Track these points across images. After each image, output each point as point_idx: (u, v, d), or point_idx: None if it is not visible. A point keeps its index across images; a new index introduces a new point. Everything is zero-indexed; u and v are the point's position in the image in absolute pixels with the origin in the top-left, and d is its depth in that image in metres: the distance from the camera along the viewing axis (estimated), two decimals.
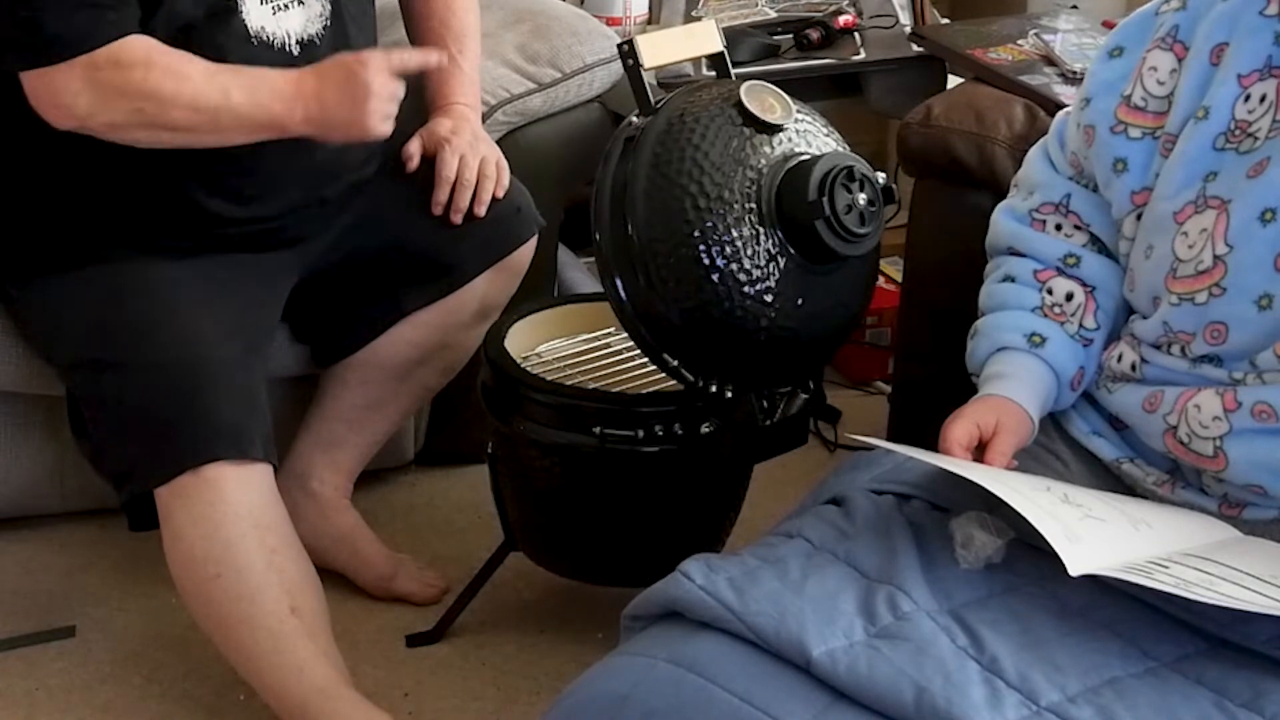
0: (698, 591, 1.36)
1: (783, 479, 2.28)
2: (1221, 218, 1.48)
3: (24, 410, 2.23)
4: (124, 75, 1.83)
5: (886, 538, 1.43)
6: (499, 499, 2.08)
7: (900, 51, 2.53)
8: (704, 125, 1.70)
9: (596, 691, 1.33)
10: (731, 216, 1.67)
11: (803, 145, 1.75)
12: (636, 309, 1.72)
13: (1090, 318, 1.63)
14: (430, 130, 2.13)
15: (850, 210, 1.68)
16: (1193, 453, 1.49)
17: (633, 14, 2.77)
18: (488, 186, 2.10)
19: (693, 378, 1.76)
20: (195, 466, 1.85)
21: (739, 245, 1.67)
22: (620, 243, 1.70)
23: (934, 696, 1.22)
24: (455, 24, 2.18)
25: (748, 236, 1.67)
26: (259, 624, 1.86)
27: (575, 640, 2.15)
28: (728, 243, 1.66)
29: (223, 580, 1.86)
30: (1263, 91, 1.50)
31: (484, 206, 2.10)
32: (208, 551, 1.86)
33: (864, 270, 1.81)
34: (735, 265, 1.66)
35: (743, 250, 1.67)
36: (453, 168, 2.08)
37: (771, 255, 1.68)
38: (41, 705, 2.03)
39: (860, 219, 1.69)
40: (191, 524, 1.86)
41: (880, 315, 2.87)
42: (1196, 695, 1.26)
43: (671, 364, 1.75)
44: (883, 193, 1.73)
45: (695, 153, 1.68)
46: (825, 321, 1.76)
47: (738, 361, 1.74)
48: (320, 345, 2.21)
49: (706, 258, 1.66)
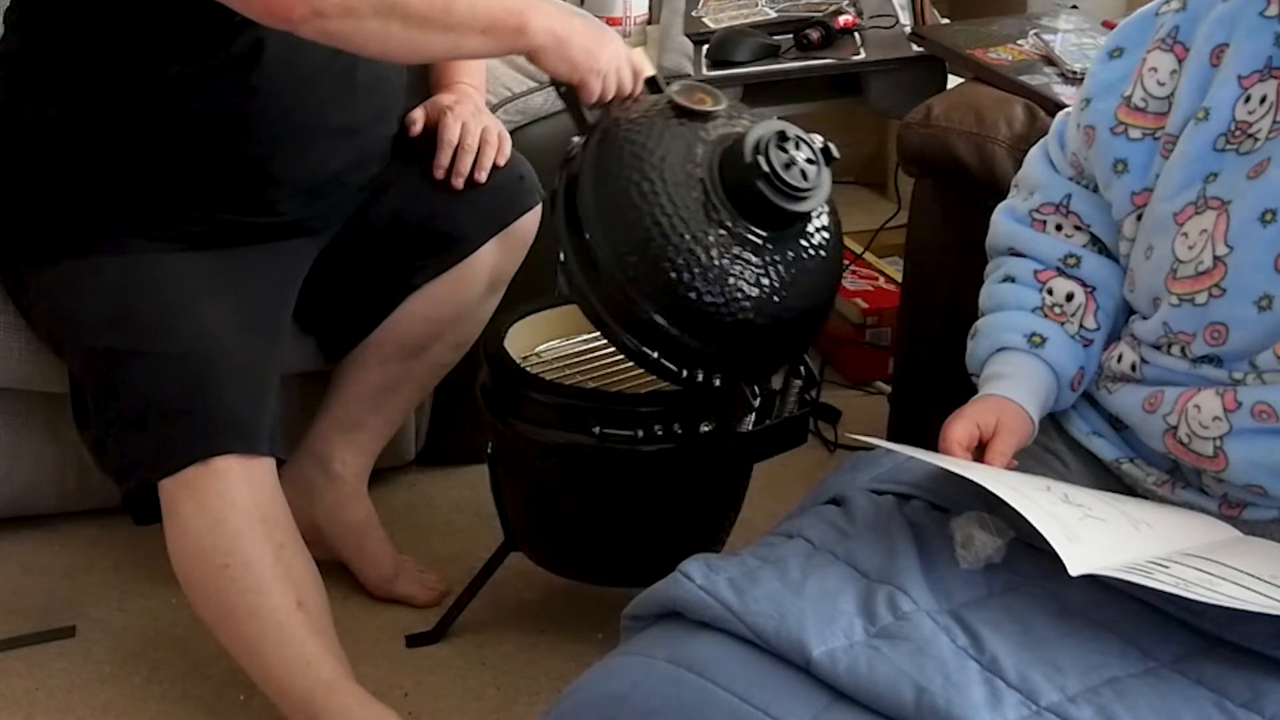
0: (698, 591, 1.36)
1: (783, 479, 2.29)
2: (1221, 218, 1.48)
3: (25, 409, 2.23)
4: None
5: (886, 538, 1.43)
6: (499, 499, 2.09)
7: (900, 51, 2.53)
8: (640, 125, 1.74)
9: (596, 691, 1.33)
10: (679, 199, 1.69)
11: (738, 127, 1.77)
12: (609, 310, 1.73)
13: (1090, 318, 1.63)
14: (433, 101, 2.16)
15: (790, 166, 1.70)
16: (1193, 453, 1.49)
17: (633, 14, 2.77)
18: (489, 153, 2.11)
19: (676, 369, 1.75)
20: (204, 458, 1.85)
21: (691, 225, 1.69)
22: (581, 249, 1.72)
23: (934, 696, 1.22)
24: None
25: (699, 216, 1.69)
26: (266, 616, 1.86)
27: (575, 640, 2.15)
28: (680, 223, 1.68)
29: (230, 571, 1.86)
30: (1263, 92, 1.50)
31: (484, 172, 2.11)
32: (215, 543, 1.85)
33: (828, 242, 1.80)
34: (693, 246, 1.68)
35: (697, 230, 1.69)
36: (455, 132, 2.10)
37: (728, 230, 1.70)
38: (41, 705, 2.03)
39: (802, 175, 1.71)
40: (199, 515, 1.86)
41: (880, 315, 2.87)
42: (1196, 695, 1.26)
43: (652, 356, 1.74)
44: (822, 152, 1.75)
45: (635, 148, 1.71)
46: (797, 297, 1.76)
47: (717, 347, 1.74)
48: (329, 336, 2.21)
49: (664, 242, 1.68)
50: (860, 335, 2.88)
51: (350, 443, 2.22)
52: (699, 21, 2.71)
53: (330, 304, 2.18)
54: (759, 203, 1.70)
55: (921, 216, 2.21)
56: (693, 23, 2.71)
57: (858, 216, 3.38)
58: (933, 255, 2.17)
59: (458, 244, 2.14)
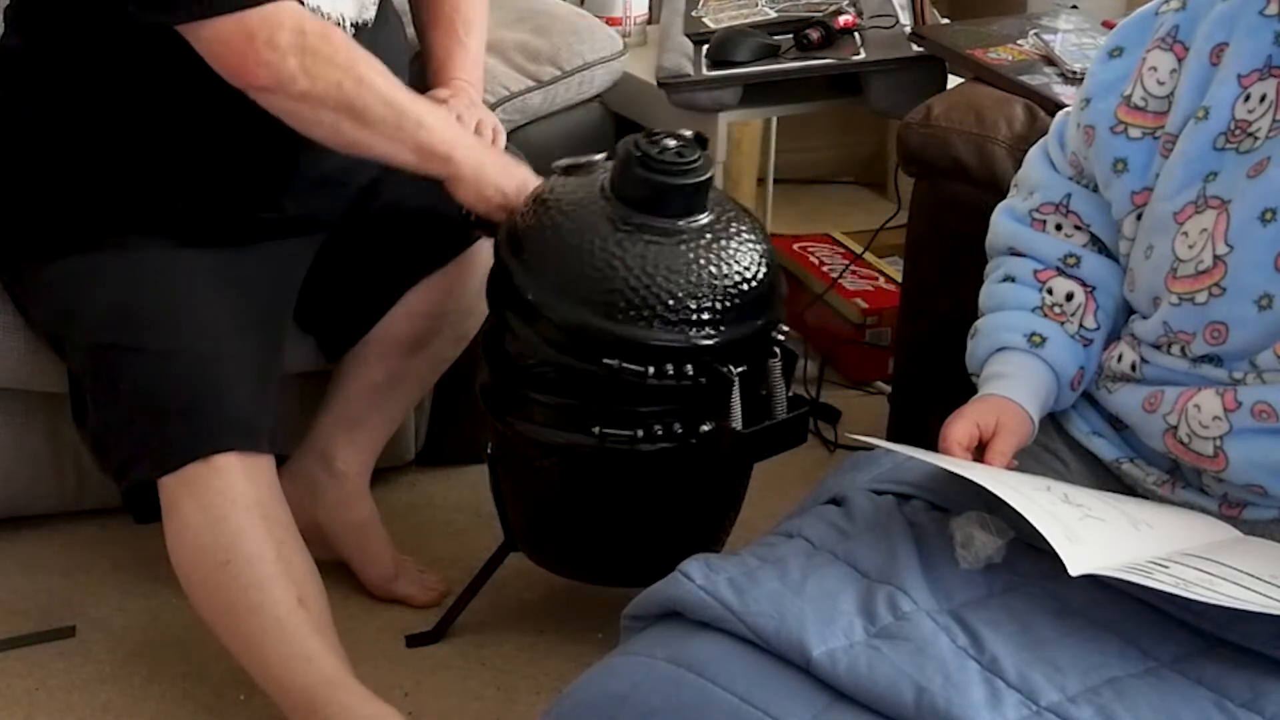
0: (698, 591, 1.36)
1: (783, 479, 2.29)
2: (1221, 218, 1.48)
3: (25, 409, 2.23)
4: (332, 46, 1.83)
5: (886, 538, 1.43)
6: (499, 499, 2.09)
7: (900, 51, 2.53)
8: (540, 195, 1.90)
9: (596, 691, 1.33)
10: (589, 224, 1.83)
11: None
12: (563, 344, 1.83)
13: (1090, 317, 1.63)
14: (429, 96, 2.15)
15: (664, 151, 1.83)
16: (1193, 453, 1.49)
17: (633, 14, 2.77)
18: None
19: (641, 368, 1.79)
20: (205, 456, 1.85)
21: (603, 235, 1.81)
22: (523, 311, 1.84)
23: (934, 696, 1.22)
24: (466, 8, 2.20)
25: (606, 228, 1.82)
26: (268, 613, 1.86)
27: (575, 640, 2.15)
28: (596, 239, 1.81)
29: (231, 567, 1.86)
30: (1263, 91, 1.50)
31: None
32: (216, 539, 1.85)
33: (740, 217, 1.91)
34: (612, 249, 1.80)
35: (608, 236, 1.81)
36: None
37: (634, 226, 1.82)
38: (41, 705, 2.03)
39: (677, 155, 1.83)
40: (199, 512, 1.86)
41: (880, 315, 2.87)
42: (1196, 695, 1.26)
43: (614, 365, 1.79)
44: (695, 139, 1.86)
45: (542, 209, 1.87)
46: (729, 273, 1.83)
47: (666, 335, 1.80)
48: (330, 334, 2.21)
49: (588, 259, 1.80)
50: (860, 335, 2.88)
51: (352, 440, 2.22)
52: (699, 21, 2.71)
53: (330, 301, 2.18)
54: (645, 187, 1.82)
55: (921, 216, 2.21)
56: (693, 23, 2.71)
57: (858, 216, 3.39)
58: (933, 255, 2.17)
59: (454, 235, 2.14)
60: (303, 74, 1.82)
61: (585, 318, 1.80)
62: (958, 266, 1.88)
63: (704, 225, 1.85)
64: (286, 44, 1.80)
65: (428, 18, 2.21)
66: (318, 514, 2.19)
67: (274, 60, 1.80)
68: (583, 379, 1.84)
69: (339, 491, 2.20)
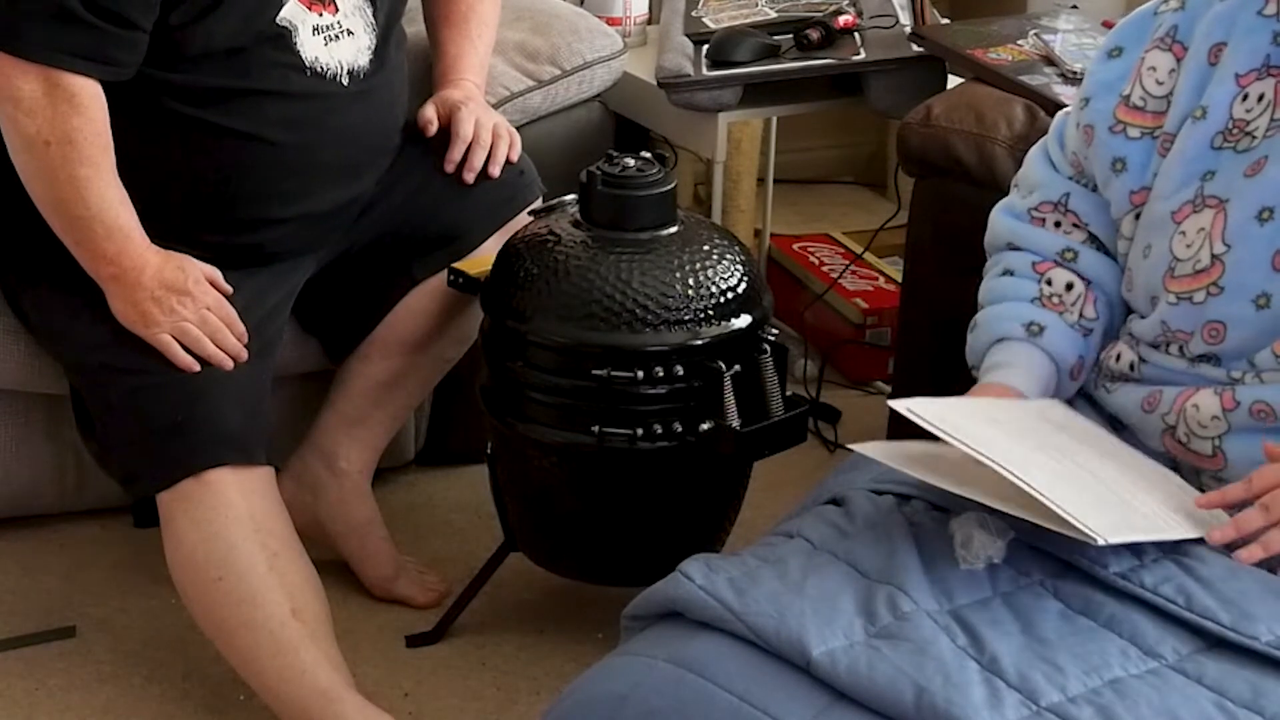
0: (698, 591, 1.36)
1: (783, 479, 2.29)
2: (1219, 217, 1.48)
3: (25, 410, 2.23)
4: (77, 112, 1.82)
5: (886, 538, 1.43)
6: (499, 499, 2.09)
7: (900, 51, 2.53)
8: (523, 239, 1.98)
9: (596, 691, 1.33)
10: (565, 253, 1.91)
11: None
12: (554, 365, 1.88)
13: (1090, 307, 1.63)
14: (443, 97, 2.16)
15: (624, 169, 1.92)
16: (1191, 452, 1.49)
17: (633, 14, 2.77)
18: (502, 147, 2.13)
19: (630, 374, 1.82)
20: (198, 472, 1.85)
21: (579, 255, 1.89)
22: (520, 345, 1.90)
23: (934, 696, 1.22)
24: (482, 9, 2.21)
25: (581, 252, 1.89)
26: (260, 627, 1.87)
27: (575, 640, 2.15)
28: (575, 263, 1.88)
29: (224, 584, 1.87)
30: (1261, 91, 1.50)
31: (498, 166, 2.13)
32: (209, 555, 1.86)
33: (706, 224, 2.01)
34: (588, 264, 1.88)
35: (586, 257, 1.88)
36: (469, 127, 2.11)
37: (602, 242, 1.90)
38: (41, 705, 2.04)
39: (638, 170, 1.91)
40: (193, 528, 1.87)
41: (880, 315, 2.87)
42: (1196, 695, 1.26)
43: (603, 374, 1.83)
44: (654, 156, 1.94)
45: (515, 257, 1.94)
46: (706, 281, 1.89)
47: (650, 338, 1.85)
48: (333, 335, 2.21)
49: (564, 283, 1.87)
50: (860, 335, 2.88)
51: (355, 439, 2.22)
52: (699, 21, 2.70)
53: (333, 302, 2.18)
54: (611, 205, 1.91)
55: (921, 216, 2.21)
56: (693, 23, 2.70)
57: (858, 216, 3.39)
58: (933, 255, 2.17)
59: (460, 239, 2.14)
60: (45, 123, 1.81)
61: (569, 333, 1.85)
62: (958, 266, 1.88)
63: (674, 234, 1.91)
64: (35, 90, 1.80)
65: (441, 14, 2.21)
66: (319, 512, 2.19)
67: (20, 99, 1.81)
68: (579, 388, 1.86)
69: (341, 490, 2.20)
